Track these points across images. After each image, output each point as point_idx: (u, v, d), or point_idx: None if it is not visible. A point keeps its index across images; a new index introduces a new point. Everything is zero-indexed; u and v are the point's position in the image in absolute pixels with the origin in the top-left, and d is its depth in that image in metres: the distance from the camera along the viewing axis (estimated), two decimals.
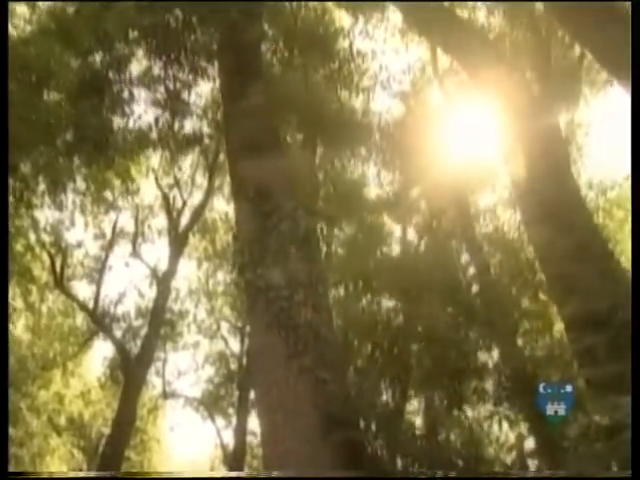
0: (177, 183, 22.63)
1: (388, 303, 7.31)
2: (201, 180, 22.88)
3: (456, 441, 6.53)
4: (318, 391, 5.97)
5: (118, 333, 20.89)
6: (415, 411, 6.55)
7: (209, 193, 22.53)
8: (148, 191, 22.53)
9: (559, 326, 7.53)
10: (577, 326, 7.48)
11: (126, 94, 10.57)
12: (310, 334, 6.25)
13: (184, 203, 22.61)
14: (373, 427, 5.87)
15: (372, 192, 9.89)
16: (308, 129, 9.70)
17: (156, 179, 22.11)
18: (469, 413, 6.70)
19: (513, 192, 8.79)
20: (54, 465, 20.96)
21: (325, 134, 9.73)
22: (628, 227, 10.85)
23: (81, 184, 20.28)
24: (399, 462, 5.87)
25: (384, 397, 6.27)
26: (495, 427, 6.74)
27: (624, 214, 16.74)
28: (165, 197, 22.29)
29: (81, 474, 17.38)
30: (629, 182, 16.91)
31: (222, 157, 22.59)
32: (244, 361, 21.93)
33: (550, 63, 14.13)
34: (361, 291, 7.23)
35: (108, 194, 21.05)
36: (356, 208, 9.43)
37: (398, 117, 10.39)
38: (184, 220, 22.43)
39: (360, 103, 10.57)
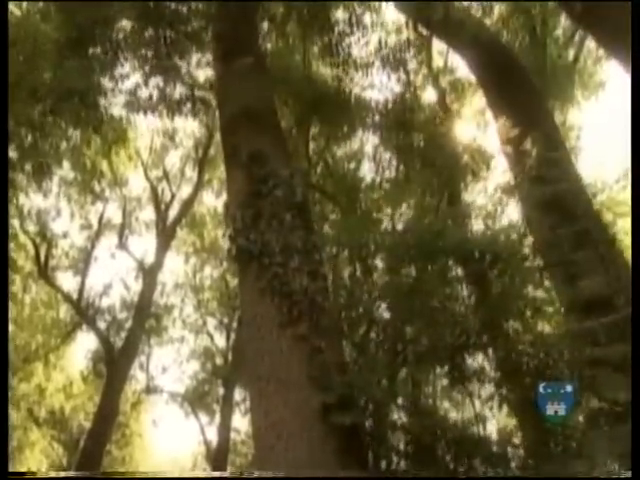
0: (166, 176, 22.12)
1: (385, 278, 6.80)
2: (190, 173, 22.44)
3: (458, 419, 6.06)
4: (313, 360, 5.50)
5: (102, 326, 20.24)
6: (415, 388, 6.02)
7: (198, 187, 22.05)
8: (136, 183, 22.05)
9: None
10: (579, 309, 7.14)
11: (115, 56, 10.05)
12: (305, 301, 5.78)
13: (173, 196, 22.09)
14: (370, 402, 5.32)
15: (368, 170, 9.43)
16: (302, 104, 9.25)
17: (145, 171, 21.61)
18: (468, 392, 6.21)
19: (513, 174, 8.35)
20: (34, 459, 20.25)
21: (320, 110, 9.29)
22: (615, 229, 10.52)
23: (69, 173, 19.86)
24: (399, 438, 5.36)
25: (382, 373, 5.74)
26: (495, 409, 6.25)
27: (612, 217, 16.49)
28: (154, 189, 21.75)
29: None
30: (619, 185, 16.75)
31: (213, 151, 22.26)
32: (229, 357, 21.35)
33: (545, 63, 13.90)
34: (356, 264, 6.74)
35: (95, 185, 20.57)
36: (351, 187, 9.01)
37: (397, 94, 9.96)
38: (172, 213, 21.92)
39: (359, 78, 10.14)
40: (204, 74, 11.79)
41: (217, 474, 15.73)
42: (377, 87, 10.01)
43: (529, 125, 9.16)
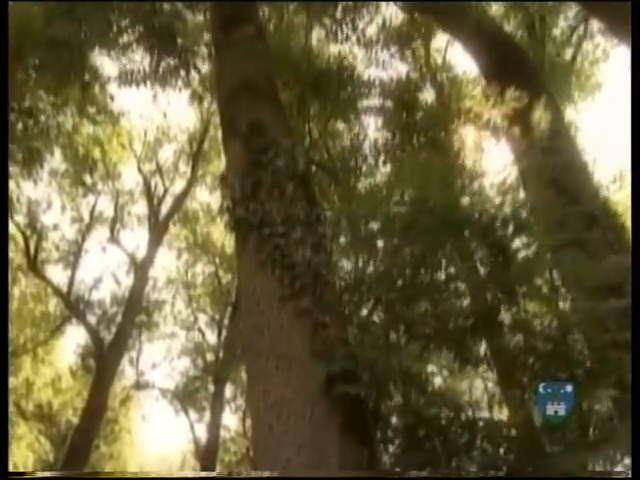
0: (159, 170, 21.62)
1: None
2: (184, 168, 21.96)
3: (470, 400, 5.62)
4: (316, 336, 5.05)
5: (92, 320, 19.69)
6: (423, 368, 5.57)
7: (192, 182, 21.59)
8: (129, 176, 21.54)
9: None
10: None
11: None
12: (309, 274, 5.35)
13: (165, 190, 21.58)
14: (376, 377, 4.88)
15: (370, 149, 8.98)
16: (303, 83, 8.83)
17: (138, 164, 21.12)
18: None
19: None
20: (20, 454, 19.61)
21: (320, 89, 8.87)
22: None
23: (60, 165, 19.36)
24: (405, 416, 4.91)
25: (387, 350, 5.29)
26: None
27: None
28: (147, 183, 21.24)
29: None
30: (615, 185, 16.48)
31: (207, 145, 21.82)
32: (221, 354, 20.84)
33: (543, 60, 13.64)
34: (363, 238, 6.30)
35: (87, 177, 20.07)
36: (353, 165, 8.58)
37: (402, 74, 9.55)
38: (165, 208, 21.42)
39: (362, 57, 9.73)
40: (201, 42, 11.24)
41: (214, 474, 15.28)
42: (381, 65, 9.59)
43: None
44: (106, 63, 11.09)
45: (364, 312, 6.02)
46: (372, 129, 9.13)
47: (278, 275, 5.37)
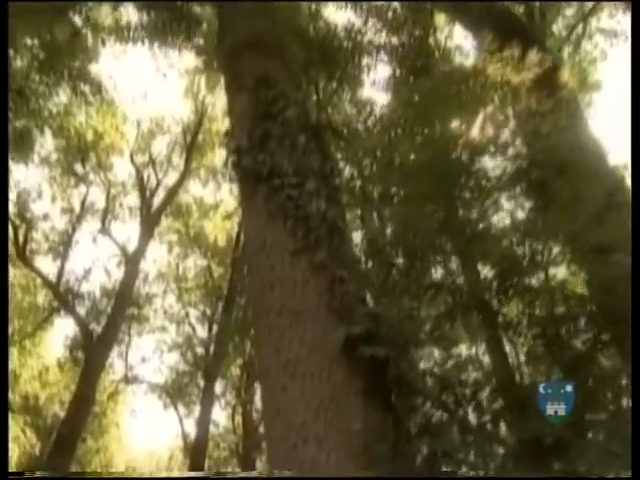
0: (152, 161, 20.95)
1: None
2: (177, 161, 21.32)
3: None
4: (334, 291, 4.48)
5: (81, 312, 18.94)
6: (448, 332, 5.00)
7: (185, 174, 20.96)
8: (121, 168, 20.86)
9: None
10: None
11: None
12: (324, 227, 4.77)
13: (158, 182, 20.91)
14: (399, 339, 4.30)
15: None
16: (309, 51, 8.27)
17: (131, 156, 20.45)
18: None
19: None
20: None
21: (327, 56, 8.30)
22: None
23: (52, 154, 18.68)
24: (428, 381, 4.34)
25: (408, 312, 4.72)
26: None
27: None
28: (139, 175, 20.56)
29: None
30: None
31: (200, 138, 21.22)
32: (211, 349, 20.13)
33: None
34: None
35: (79, 167, 19.40)
36: (363, 129, 8.00)
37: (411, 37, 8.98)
38: (157, 200, 20.74)
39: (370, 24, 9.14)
40: None
41: (211, 474, 14.63)
42: (390, 30, 9.02)
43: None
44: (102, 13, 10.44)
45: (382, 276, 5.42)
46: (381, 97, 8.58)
47: (290, 227, 4.80)
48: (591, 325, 4.82)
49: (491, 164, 5.81)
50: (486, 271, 5.37)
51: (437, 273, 5.41)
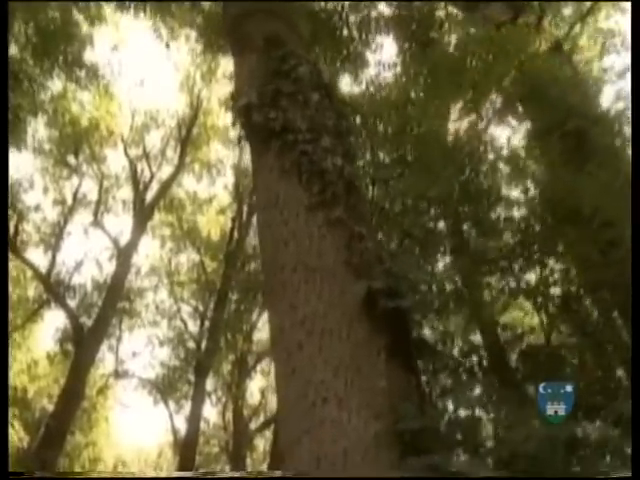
0: (146, 155, 20.55)
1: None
2: (172, 154, 20.93)
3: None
4: (352, 247, 4.16)
5: (72, 304, 18.47)
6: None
7: (179, 168, 20.58)
8: (115, 160, 20.44)
9: None
10: None
11: None
12: (340, 183, 4.47)
13: (152, 176, 20.49)
14: (423, 303, 4.00)
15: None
16: (313, 21, 7.93)
17: (125, 148, 20.04)
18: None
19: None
20: None
21: (330, 30, 7.97)
22: None
23: (45, 145, 18.26)
24: (458, 347, 4.04)
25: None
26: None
27: None
28: (133, 167, 20.13)
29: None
30: None
31: (195, 131, 20.85)
32: (203, 345, 19.70)
33: None
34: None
35: (72, 158, 18.98)
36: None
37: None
38: (151, 194, 20.32)
39: None
40: None
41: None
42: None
43: None
44: None
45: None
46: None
47: (305, 182, 4.48)
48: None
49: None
50: (506, 238, 5.08)
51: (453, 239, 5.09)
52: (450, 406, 3.81)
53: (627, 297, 3.53)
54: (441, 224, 5.35)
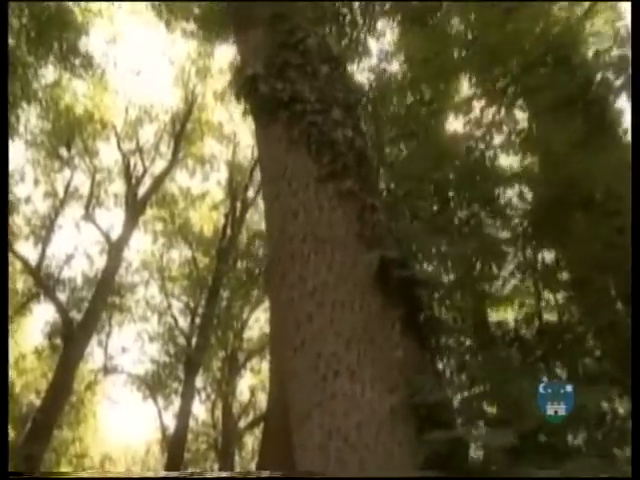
0: (139, 149, 20.25)
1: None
2: (165, 150, 20.64)
3: None
4: (364, 219, 3.98)
5: (61, 298, 18.15)
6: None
7: (172, 163, 20.30)
8: (108, 154, 20.13)
9: None
10: None
11: None
12: (352, 154, 4.29)
13: (145, 170, 20.19)
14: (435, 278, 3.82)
15: None
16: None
17: (118, 142, 19.74)
18: None
19: None
20: None
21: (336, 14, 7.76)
22: None
23: (38, 137, 17.95)
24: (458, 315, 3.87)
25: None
26: None
27: None
28: (126, 161, 19.83)
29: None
30: None
31: (190, 127, 20.60)
32: (193, 342, 19.41)
33: None
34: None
35: (64, 151, 18.68)
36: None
37: None
38: (143, 189, 20.01)
39: None
40: None
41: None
42: None
43: None
44: None
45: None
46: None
47: (315, 153, 4.30)
48: None
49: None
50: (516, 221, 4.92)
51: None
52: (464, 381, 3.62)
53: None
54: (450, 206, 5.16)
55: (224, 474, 4.66)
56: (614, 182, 4.47)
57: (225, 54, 21.08)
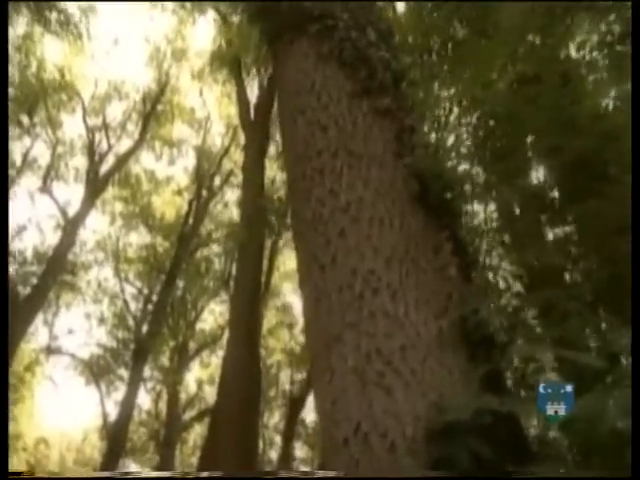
0: (106, 125, 19.33)
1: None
2: (132, 129, 19.77)
3: None
4: (403, 140, 3.50)
5: (10, 270, 16.99)
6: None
7: (139, 143, 19.45)
8: (72, 127, 19.14)
9: None
10: None
11: None
12: (388, 75, 3.81)
13: (109, 148, 19.26)
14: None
15: None
16: None
17: (84, 115, 18.80)
18: None
19: None
20: None
21: None
22: None
23: None
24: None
25: None
26: None
27: None
28: (90, 136, 18.87)
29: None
30: None
31: (160, 108, 19.82)
32: (143, 329, 18.49)
33: None
34: None
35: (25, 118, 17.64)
36: None
37: None
38: (106, 167, 19.07)
39: None
40: None
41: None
42: None
43: None
44: None
45: None
46: None
47: (349, 69, 3.79)
48: None
49: None
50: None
51: None
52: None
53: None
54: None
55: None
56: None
57: (203, 37, 20.54)
